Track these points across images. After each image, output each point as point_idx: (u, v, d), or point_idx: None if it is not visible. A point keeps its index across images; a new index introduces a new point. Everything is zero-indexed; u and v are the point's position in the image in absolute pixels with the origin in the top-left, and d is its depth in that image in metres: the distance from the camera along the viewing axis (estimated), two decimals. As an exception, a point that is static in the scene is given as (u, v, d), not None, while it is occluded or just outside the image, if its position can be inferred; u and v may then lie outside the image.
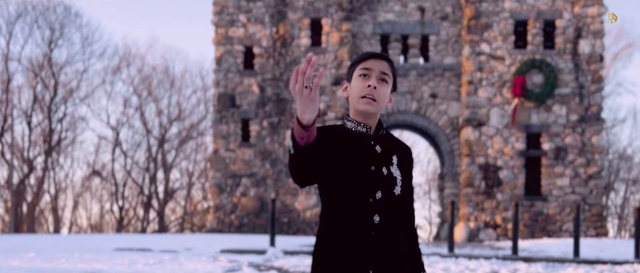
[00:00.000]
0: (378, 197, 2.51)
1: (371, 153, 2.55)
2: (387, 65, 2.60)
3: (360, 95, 2.54)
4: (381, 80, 2.57)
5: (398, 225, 2.55)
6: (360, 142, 2.56)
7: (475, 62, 23.16)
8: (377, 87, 2.54)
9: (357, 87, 2.56)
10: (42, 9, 36.61)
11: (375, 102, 2.54)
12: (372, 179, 2.51)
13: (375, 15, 24.33)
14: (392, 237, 2.52)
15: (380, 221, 2.50)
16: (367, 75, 2.56)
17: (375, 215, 2.50)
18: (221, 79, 23.91)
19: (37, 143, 36.84)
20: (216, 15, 24.04)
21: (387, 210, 2.52)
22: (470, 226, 22.54)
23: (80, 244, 15.74)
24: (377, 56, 2.60)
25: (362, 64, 2.59)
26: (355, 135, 2.57)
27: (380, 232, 2.49)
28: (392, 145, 2.63)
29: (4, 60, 35.71)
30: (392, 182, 2.55)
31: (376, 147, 2.57)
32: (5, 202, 37.03)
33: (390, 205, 2.53)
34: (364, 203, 2.50)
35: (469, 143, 22.82)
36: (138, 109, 38.95)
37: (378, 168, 2.54)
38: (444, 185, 24.37)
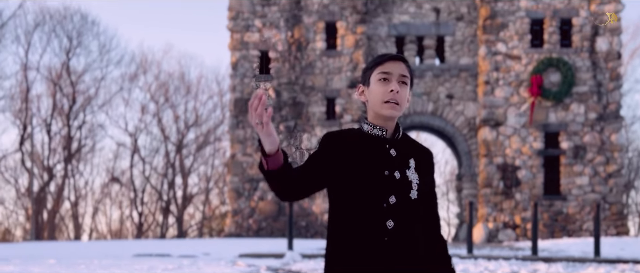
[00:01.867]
0: (392, 201, 2.47)
1: (385, 157, 2.52)
2: (405, 66, 2.57)
3: (383, 100, 2.51)
4: (401, 82, 2.55)
5: (415, 230, 2.50)
6: (375, 145, 2.54)
7: (491, 61, 23.05)
8: (399, 91, 2.52)
9: (379, 92, 2.52)
10: (59, 18, 36.97)
11: (398, 106, 2.52)
12: (385, 183, 2.48)
13: (390, 17, 24.30)
14: (408, 243, 2.47)
15: (395, 226, 2.45)
16: (387, 79, 2.52)
17: (389, 220, 2.46)
18: (237, 83, 23.99)
19: (56, 151, 37.16)
20: (231, 21, 24.13)
21: (402, 215, 2.47)
22: (489, 227, 22.42)
23: (99, 250, 15.85)
24: (394, 58, 2.57)
25: (380, 67, 2.54)
26: (370, 139, 2.55)
27: (394, 237, 2.45)
28: (409, 148, 2.59)
29: (23, 70, 36.09)
30: (407, 186, 2.50)
31: (391, 150, 2.53)
32: (26, 210, 37.36)
33: (405, 210, 2.48)
34: (377, 208, 2.46)
35: (486, 144, 22.72)
36: (155, 115, 39.20)
37: (392, 172, 2.50)
38: (462, 186, 24.27)
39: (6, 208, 39.34)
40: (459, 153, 24.29)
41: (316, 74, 23.71)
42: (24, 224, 38.57)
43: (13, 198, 39.43)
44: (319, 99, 23.68)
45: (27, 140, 35.60)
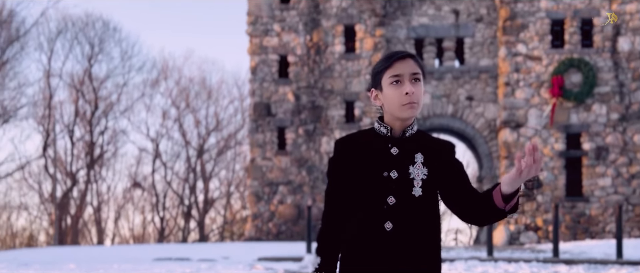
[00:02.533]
0: (391, 202, 2.43)
1: (385, 157, 2.48)
2: (414, 62, 2.51)
3: (401, 104, 2.46)
4: (414, 80, 2.50)
5: (418, 230, 2.44)
6: (378, 145, 2.50)
7: (511, 63, 22.89)
8: (414, 90, 2.47)
9: (394, 96, 2.47)
10: (81, 25, 37.38)
11: (416, 104, 2.48)
12: (382, 184, 2.44)
13: (409, 20, 24.24)
14: (408, 243, 2.42)
15: (393, 228, 2.42)
16: (399, 81, 2.48)
17: (387, 222, 2.42)
18: (257, 88, 24.06)
19: (79, 157, 37.52)
20: (250, 25, 24.21)
21: (403, 215, 2.43)
22: (511, 229, 22.24)
23: (120, 255, 15.96)
24: (401, 56, 2.51)
25: (390, 70, 2.49)
26: (375, 139, 2.52)
27: (392, 239, 2.42)
28: (418, 144, 2.52)
29: (46, 77, 36.52)
30: (407, 184, 2.45)
31: (392, 149, 2.49)
32: (49, 215, 37.75)
33: (407, 210, 2.43)
34: (376, 210, 2.43)
35: (507, 145, 22.55)
36: (177, 121, 39.44)
37: (389, 172, 2.46)
38: (483, 188, 24.12)
39: (30, 213, 39.80)
40: (480, 155, 24.13)
41: (335, 78, 23.71)
42: (47, 229, 38.98)
43: (37, 204, 39.90)
44: (338, 102, 23.67)
45: (51, 146, 35.99)
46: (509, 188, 2.37)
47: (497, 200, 2.41)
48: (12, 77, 34.97)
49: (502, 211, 2.42)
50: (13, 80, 35.06)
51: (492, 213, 2.43)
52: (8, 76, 34.74)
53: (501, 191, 2.38)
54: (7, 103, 34.88)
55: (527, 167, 2.31)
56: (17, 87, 35.19)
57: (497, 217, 2.44)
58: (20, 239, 39.13)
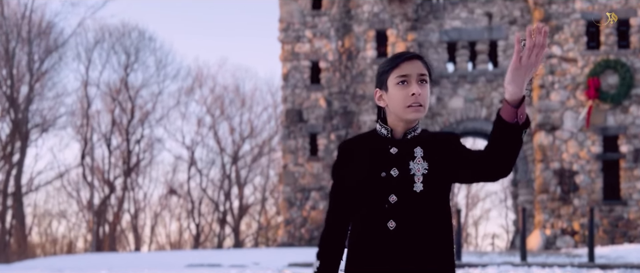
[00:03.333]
0: (393, 200, 2.38)
1: (384, 157, 2.44)
2: (421, 63, 2.46)
3: (406, 105, 2.41)
4: (421, 81, 2.43)
5: (422, 226, 2.38)
6: (377, 146, 2.46)
7: (546, 65, 22.59)
8: (421, 92, 2.41)
9: (399, 97, 2.42)
10: (118, 35, 37.95)
11: (422, 107, 2.42)
12: (382, 184, 2.40)
13: (442, 23, 24.09)
14: (413, 241, 2.37)
15: (397, 226, 2.37)
16: (405, 81, 2.42)
17: (390, 221, 2.38)
18: (288, 94, 24.13)
19: (116, 165, 38.05)
20: (282, 32, 24.31)
21: (406, 213, 2.37)
22: (547, 233, 21.89)
23: (154, 261, 16.12)
24: (410, 57, 2.46)
25: (396, 70, 2.44)
26: (376, 141, 2.48)
27: (396, 237, 2.37)
28: (417, 140, 2.46)
29: (84, 86, 37.15)
30: (407, 181, 2.38)
31: (392, 149, 2.44)
32: (87, 223, 38.34)
33: (409, 207, 2.38)
34: (378, 210, 2.39)
35: (542, 149, 22.23)
36: (211, 128, 39.76)
37: (388, 171, 2.41)
38: (518, 192, 23.79)
39: (68, 221, 40.48)
40: (515, 159, 23.83)
41: (367, 83, 23.66)
42: (85, 236, 39.58)
43: (75, 212, 40.55)
44: (370, 107, 23.61)
45: (88, 155, 36.56)
46: (513, 88, 2.23)
47: (506, 114, 2.26)
48: (51, 87, 35.68)
49: (514, 126, 2.24)
50: (52, 90, 35.76)
51: (506, 138, 2.25)
52: (47, 86, 35.44)
53: (506, 100, 2.26)
54: (46, 112, 35.58)
55: (529, 49, 2.19)
56: (55, 97, 35.88)
57: (513, 139, 2.25)
58: (60, 246, 39.81)
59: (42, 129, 35.47)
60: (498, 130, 2.28)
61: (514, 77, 2.23)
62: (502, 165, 2.31)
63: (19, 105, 33.79)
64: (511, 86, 2.24)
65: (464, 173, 2.41)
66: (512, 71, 2.23)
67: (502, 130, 2.26)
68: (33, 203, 39.46)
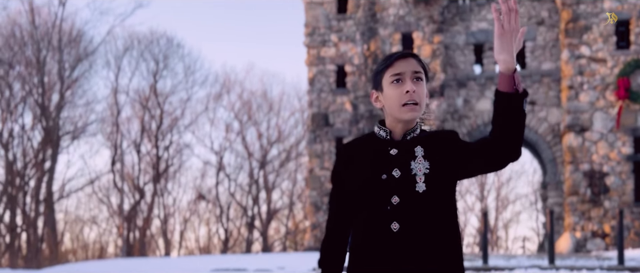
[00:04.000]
0: (395, 201, 2.33)
1: (384, 159, 2.39)
2: (416, 62, 2.42)
3: (401, 104, 2.38)
4: (416, 79, 2.41)
5: (426, 227, 2.33)
6: (377, 148, 2.42)
7: (575, 65, 22.32)
8: (415, 89, 2.39)
9: (394, 96, 2.39)
10: (147, 43, 38.34)
11: (418, 106, 2.39)
12: (384, 185, 2.35)
13: (468, 25, 23.95)
14: (417, 242, 2.32)
15: (401, 228, 2.32)
16: (400, 79, 2.39)
17: (393, 222, 2.32)
18: (314, 99, 24.15)
19: (146, 171, 38.40)
20: (308, 37, 24.35)
21: (409, 214, 2.33)
22: (577, 236, 21.57)
23: (181, 266, 16.22)
24: (403, 55, 2.43)
25: (390, 69, 2.41)
26: (374, 143, 2.44)
27: (400, 239, 2.32)
28: (417, 140, 2.41)
29: (114, 93, 37.57)
30: (409, 181, 2.34)
31: (391, 150, 2.40)
32: (118, 228, 38.74)
33: (412, 207, 2.33)
34: (380, 212, 2.34)
35: (571, 150, 21.94)
36: (239, 133, 39.95)
37: (390, 172, 2.36)
38: (547, 195, 23.49)
39: (99, 226, 40.95)
40: (544, 161, 23.56)
41: (393, 86, 23.59)
42: (116, 242, 40.01)
43: (106, 217, 41.01)
44: (396, 111, 23.54)
45: (118, 161, 36.96)
46: (504, 56, 2.22)
47: (504, 86, 2.22)
48: (81, 95, 36.16)
49: (515, 95, 2.21)
50: (82, 97, 36.24)
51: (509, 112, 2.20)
52: (77, 94, 35.93)
53: (501, 71, 2.24)
54: (77, 120, 36.06)
55: (506, 14, 2.21)
56: (86, 104, 36.35)
57: (516, 111, 2.21)
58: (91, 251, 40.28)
59: (73, 136, 35.94)
60: (499, 106, 2.23)
61: (502, 45, 2.23)
62: (511, 144, 2.26)
63: (50, 113, 34.28)
64: (502, 55, 2.23)
65: (476, 164, 2.34)
66: (499, 39, 2.23)
67: (503, 104, 2.22)
68: (64, 209, 40.03)
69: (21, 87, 34.54)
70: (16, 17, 34.72)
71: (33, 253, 32.84)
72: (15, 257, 33.28)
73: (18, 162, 34.19)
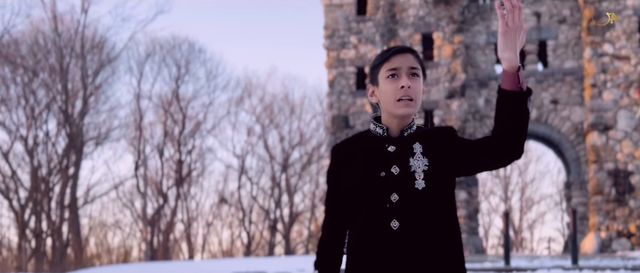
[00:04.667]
0: (394, 199, 2.29)
1: (382, 156, 2.35)
2: (413, 57, 2.38)
3: (396, 99, 2.33)
4: (412, 75, 2.36)
5: (426, 225, 2.29)
6: (374, 146, 2.37)
7: (598, 63, 22.07)
8: (411, 85, 2.34)
9: (389, 91, 2.34)
10: (168, 48, 38.58)
11: (413, 102, 2.34)
12: (383, 183, 2.31)
13: (489, 25, 23.79)
14: (417, 240, 2.28)
15: (401, 225, 2.27)
16: (395, 74, 2.35)
17: (393, 220, 2.28)
18: (334, 101, 24.12)
19: (169, 176, 38.62)
20: (327, 39, 24.33)
21: (409, 211, 2.28)
22: (601, 236, 21.29)
23: (201, 269, 16.26)
24: (400, 50, 2.39)
25: (386, 64, 2.37)
26: (371, 141, 2.39)
27: (400, 237, 2.28)
28: (414, 136, 2.37)
29: (136, 99, 37.86)
30: (409, 178, 2.29)
31: (389, 147, 2.35)
32: (141, 232, 39.00)
33: (412, 205, 2.29)
34: (380, 210, 2.30)
35: (595, 149, 21.68)
36: (261, 137, 40.03)
37: (388, 169, 2.32)
38: (571, 194, 23.21)
39: (123, 230, 41.26)
40: (567, 160, 23.30)
41: (413, 87, 23.47)
42: (140, 246, 40.27)
43: (130, 222, 41.32)
44: (416, 112, 23.39)
45: (142, 166, 37.21)
46: (508, 54, 2.18)
47: (508, 84, 2.19)
48: (104, 101, 36.48)
49: (518, 94, 2.17)
50: (105, 103, 36.56)
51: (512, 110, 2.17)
52: (100, 100, 36.26)
53: (505, 69, 2.21)
54: (100, 126, 36.38)
55: (510, 12, 2.17)
56: (109, 110, 36.67)
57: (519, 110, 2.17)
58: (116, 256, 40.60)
59: (97, 141, 36.27)
60: (503, 104, 2.20)
61: (506, 43, 2.20)
62: (514, 143, 2.22)
63: (74, 120, 34.63)
64: (506, 53, 2.20)
65: (481, 162, 2.30)
66: (503, 36, 2.19)
67: (506, 103, 2.19)
68: (89, 214, 40.38)
69: (45, 94, 34.94)
70: (39, 25, 35.16)
71: (58, 258, 33.17)
72: (41, 262, 33.64)
73: (43, 168, 34.56)
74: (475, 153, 2.31)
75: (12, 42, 34.10)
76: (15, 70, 34.16)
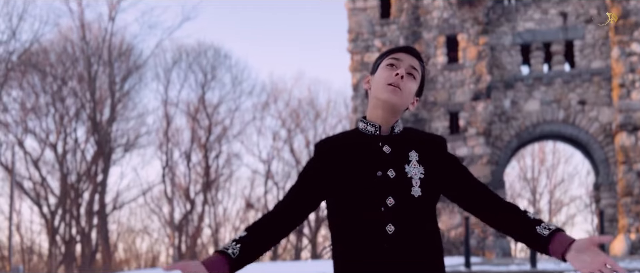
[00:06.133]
0: (390, 203, 2.23)
1: (377, 156, 2.28)
2: (419, 62, 2.35)
3: (386, 83, 2.28)
4: (409, 73, 2.32)
5: (420, 232, 2.25)
6: (367, 144, 2.31)
7: (626, 63, 21.78)
8: (405, 80, 2.29)
9: (382, 76, 2.30)
10: (195, 55, 38.90)
11: (400, 92, 2.27)
12: (379, 185, 2.24)
13: (514, 26, 23.60)
14: (411, 247, 2.23)
15: (395, 231, 2.21)
16: (394, 65, 2.32)
17: (389, 224, 2.21)
18: (358, 105, 24.09)
19: (196, 181, 38.87)
20: (351, 43, 24.32)
21: (404, 217, 2.23)
22: (631, 238, 20.95)
23: None
24: (410, 50, 2.37)
25: (391, 55, 2.35)
26: (363, 138, 2.33)
27: (395, 242, 2.21)
28: (409, 141, 2.32)
29: (164, 105, 38.20)
30: (405, 184, 2.25)
31: (384, 147, 2.29)
32: (169, 237, 39.29)
33: (407, 211, 2.23)
34: (374, 213, 2.22)
35: (624, 150, 21.36)
36: (287, 141, 40.12)
37: (385, 171, 2.26)
38: (600, 196, 22.87)
39: (151, 236, 41.59)
40: (595, 161, 22.98)
41: (438, 89, 23.35)
42: (168, 251, 40.56)
43: (158, 227, 41.64)
44: (442, 114, 23.26)
45: (169, 172, 37.51)
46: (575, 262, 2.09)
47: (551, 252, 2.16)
48: (132, 108, 36.87)
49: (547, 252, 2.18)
50: (133, 110, 36.95)
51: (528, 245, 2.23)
52: (128, 107, 36.65)
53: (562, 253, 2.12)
54: (128, 132, 36.77)
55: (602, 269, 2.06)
56: (137, 117, 37.05)
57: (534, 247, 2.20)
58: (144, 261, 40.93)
59: (125, 148, 36.65)
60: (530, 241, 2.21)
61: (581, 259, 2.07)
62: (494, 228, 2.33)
63: (102, 127, 35.04)
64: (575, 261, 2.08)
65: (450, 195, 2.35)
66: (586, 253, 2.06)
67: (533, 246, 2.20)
68: (117, 220, 40.79)
69: (74, 101, 35.41)
70: (68, 33, 35.67)
71: (87, 263, 33.54)
72: (70, 267, 34.04)
73: (72, 175, 35.00)
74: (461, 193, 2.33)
75: (41, 50, 34.64)
76: (44, 79, 34.68)
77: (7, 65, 33.18)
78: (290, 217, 2.33)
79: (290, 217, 2.33)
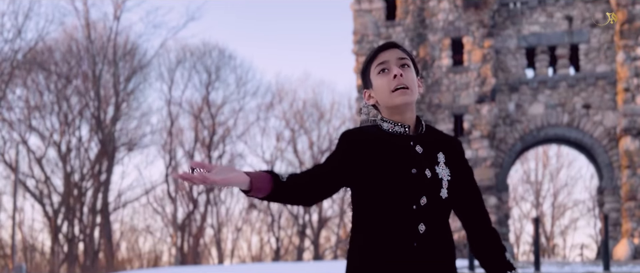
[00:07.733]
0: (423, 203, 2.24)
1: (411, 155, 2.28)
2: (400, 50, 2.35)
3: (391, 90, 2.29)
4: (402, 65, 2.33)
5: (446, 233, 2.29)
6: (398, 143, 2.30)
7: (631, 67, 21.76)
8: (403, 73, 2.30)
9: (383, 84, 2.30)
10: (199, 55, 38.91)
11: (409, 90, 2.29)
12: (413, 183, 2.24)
13: (519, 29, 23.58)
14: (439, 247, 2.26)
15: (426, 230, 2.23)
16: (385, 68, 2.32)
17: (420, 223, 2.23)
18: (363, 106, 24.04)
19: (199, 181, 38.81)
20: (356, 44, 24.31)
21: (434, 217, 2.25)
22: (635, 242, 20.91)
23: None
24: (386, 46, 2.37)
25: (375, 62, 2.35)
26: (392, 137, 2.32)
27: (425, 242, 2.23)
28: (436, 142, 2.35)
29: (167, 105, 38.23)
30: (437, 185, 2.27)
31: (416, 147, 2.30)
32: (171, 237, 39.31)
33: (437, 211, 2.25)
34: (407, 211, 2.23)
35: (629, 154, 21.33)
36: (290, 142, 40.12)
37: (420, 170, 2.26)
38: (604, 200, 22.85)
39: (153, 235, 41.61)
40: (599, 165, 22.95)
41: (443, 91, 23.33)
42: (170, 251, 40.58)
43: (160, 227, 41.65)
44: (446, 116, 23.25)
45: (173, 172, 37.48)
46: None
47: None
48: (136, 107, 36.90)
49: None
50: (137, 109, 36.97)
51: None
52: (132, 106, 36.69)
53: None
54: (132, 132, 36.80)
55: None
56: (141, 116, 37.07)
57: None
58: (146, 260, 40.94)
59: (129, 147, 36.67)
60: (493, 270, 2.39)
61: None
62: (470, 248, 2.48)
63: (106, 126, 35.08)
64: None
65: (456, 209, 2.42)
66: None
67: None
68: (120, 219, 40.81)
69: (78, 100, 35.45)
70: (73, 32, 35.73)
71: (90, 262, 33.56)
72: (73, 266, 34.08)
73: (76, 173, 35.03)
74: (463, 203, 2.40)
75: (45, 49, 34.70)
76: (48, 77, 34.74)
77: (12, 64, 33.24)
78: (317, 188, 2.28)
79: (317, 188, 2.28)
